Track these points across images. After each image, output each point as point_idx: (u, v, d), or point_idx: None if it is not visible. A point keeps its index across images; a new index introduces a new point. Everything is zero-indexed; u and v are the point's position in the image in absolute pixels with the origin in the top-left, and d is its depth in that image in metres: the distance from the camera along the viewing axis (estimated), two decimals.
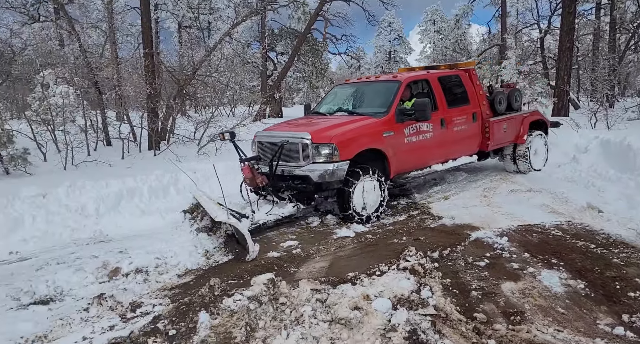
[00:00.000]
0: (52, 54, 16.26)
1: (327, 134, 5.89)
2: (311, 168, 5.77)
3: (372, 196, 6.08)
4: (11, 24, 16.75)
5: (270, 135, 6.41)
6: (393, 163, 6.39)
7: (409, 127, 6.55)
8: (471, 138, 7.66)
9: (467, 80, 7.79)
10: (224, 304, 3.53)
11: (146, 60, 12.36)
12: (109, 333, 3.32)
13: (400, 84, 6.81)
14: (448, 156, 7.33)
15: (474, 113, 7.63)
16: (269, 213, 5.91)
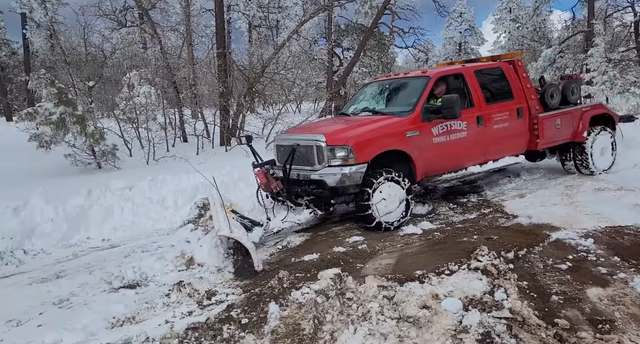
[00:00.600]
0: (136, 57, 17.62)
1: (343, 136, 5.58)
2: (326, 172, 5.45)
3: (393, 201, 5.60)
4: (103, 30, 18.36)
5: (287, 138, 6.17)
6: (419, 165, 5.94)
7: (437, 126, 6.05)
8: (516, 136, 6.95)
9: (511, 72, 7.07)
10: (292, 296, 3.62)
11: (219, 60, 12.94)
12: (187, 318, 3.54)
13: (429, 80, 6.34)
14: (487, 156, 6.68)
15: (518, 109, 6.92)
16: (284, 220, 5.65)
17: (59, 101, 10.22)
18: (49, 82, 10.36)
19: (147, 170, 9.21)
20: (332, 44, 24.52)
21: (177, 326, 3.35)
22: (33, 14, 25.27)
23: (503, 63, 7.17)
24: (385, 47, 26.44)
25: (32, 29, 27.52)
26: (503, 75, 6.98)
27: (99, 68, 16.14)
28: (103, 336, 3.32)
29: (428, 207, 6.65)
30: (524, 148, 7.16)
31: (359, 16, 29.50)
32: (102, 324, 3.59)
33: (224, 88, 12.26)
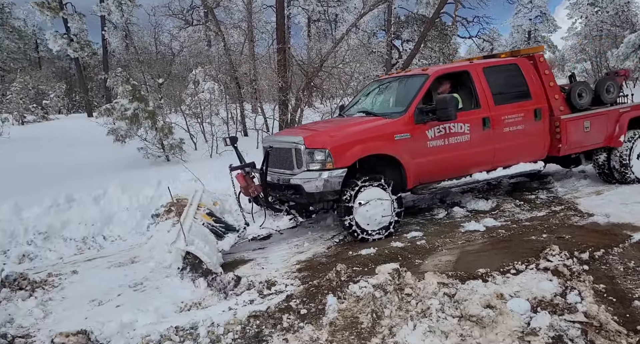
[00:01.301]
0: (201, 54, 18.38)
1: (322, 138, 5.23)
2: (304, 177, 5.11)
3: (377, 210, 5.18)
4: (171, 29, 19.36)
5: (273, 140, 5.89)
6: (411, 171, 5.44)
7: (433, 128, 5.51)
8: (532, 140, 6.19)
9: (529, 69, 6.30)
10: (350, 289, 3.63)
11: (279, 55, 13.16)
12: (249, 306, 3.66)
13: (427, 79, 5.78)
14: (496, 163, 6.00)
15: (536, 110, 6.17)
16: (262, 227, 5.43)
17: (133, 97, 10.94)
18: (124, 79, 11.11)
19: (211, 163, 9.62)
20: (392, 36, 24.09)
21: (239, 313, 3.48)
22: (111, 16, 27.17)
23: (520, 59, 6.40)
24: (447, 38, 25.51)
25: (110, 30, 29.59)
26: (519, 73, 6.23)
27: (167, 66, 17.06)
28: (173, 319, 3.52)
29: (491, 203, 6.37)
30: (543, 153, 6.36)
31: (420, 7, 28.69)
32: (171, 307, 3.82)
33: (283, 83, 12.46)
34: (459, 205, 6.37)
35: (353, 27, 15.00)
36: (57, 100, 30.67)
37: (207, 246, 4.50)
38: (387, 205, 5.25)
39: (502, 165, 6.06)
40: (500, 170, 6.04)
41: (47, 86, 30.02)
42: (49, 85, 30.21)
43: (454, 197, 6.69)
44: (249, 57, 14.68)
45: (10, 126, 17.16)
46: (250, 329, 3.28)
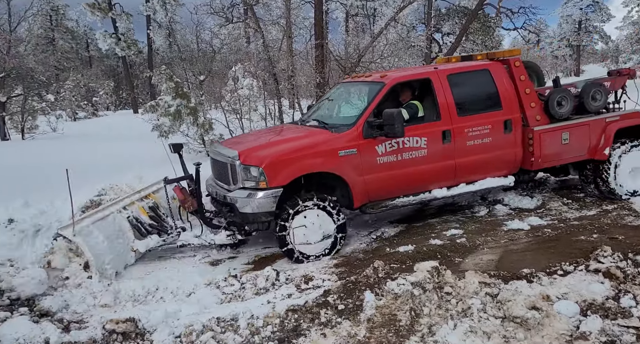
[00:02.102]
0: (240, 51, 18.67)
1: (257, 154, 4.83)
2: (237, 195, 4.76)
3: (315, 232, 4.81)
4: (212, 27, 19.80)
5: (214, 150, 5.52)
6: (357, 189, 5.02)
7: (383, 143, 5.06)
8: (501, 154, 5.65)
9: (502, 75, 5.68)
10: (387, 286, 3.60)
11: (317, 51, 13.18)
12: (287, 300, 3.70)
13: (383, 87, 5.25)
14: (458, 178, 5.53)
15: (506, 121, 5.59)
16: (198, 237, 5.13)
17: (176, 94, 11.27)
18: (167, 77, 11.46)
19: None
20: (432, 29, 23.56)
21: (278, 306, 3.52)
22: (156, 16, 28.12)
23: (493, 65, 5.77)
24: (491, 30, 24.66)
25: (155, 29, 30.64)
26: (490, 80, 5.63)
27: (208, 63, 17.43)
28: (214, 310, 3.62)
29: (537, 201, 6.12)
30: (514, 167, 5.83)
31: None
32: (213, 299, 3.93)
33: (320, 78, 12.47)
34: (501, 202, 6.17)
35: (392, 21, 14.77)
36: (106, 97, 32.15)
37: (107, 242, 4.29)
38: (330, 228, 4.88)
39: (466, 181, 5.57)
40: (463, 186, 5.55)
41: (96, 84, 31.52)
42: (98, 83, 31.71)
43: (496, 195, 6.48)
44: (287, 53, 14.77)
45: (63, 122, 18.12)
46: (288, 322, 3.32)
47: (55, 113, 17.97)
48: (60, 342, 2.95)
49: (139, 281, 4.31)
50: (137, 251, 4.68)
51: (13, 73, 15.04)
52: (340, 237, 4.95)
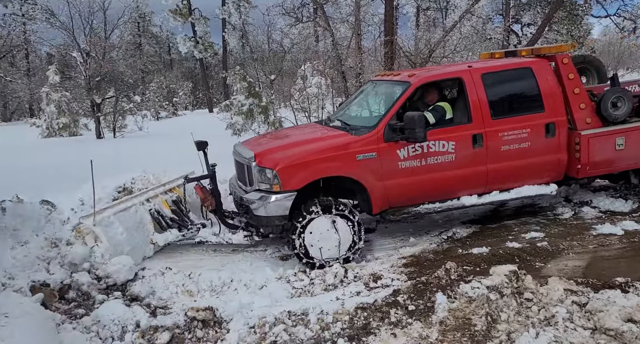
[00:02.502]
0: (309, 50, 18.98)
1: (272, 157, 4.71)
2: (252, 197, 4.66)
3: (329, 238, 4.62)
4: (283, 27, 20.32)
5: (235, 151, 5.37)
6: (377, 194, 4.78)
7: (406, 147, 4.78)
8: (541, 160, 5.15)
9: (547, 74, 5.16)
10: (461, 289, 3.47)
11: (386, 47, 13.00)
12: (356, 298, 3.71)
13: (408, 88, 4.95)
14: (491, 185, 5.12)
15: (548, 124, 5.10)
16: (216, 235, 5.09)
17: (249, 94, 11.73)
18: (241, 77, 11.95)
19: None
20: (510, 20, 22.26)
21: (347, 304, 3.54)
22: (230, 18, 29.43)
23: (536, 62, 5.26)
24: (578, 19, 22.75)
25: (229, 31, 32.07)
26: (532, 79, 5.14)
27: (279, 63, 17.94)
28: (285, 304, 3.71)
29: (632, 204, 5.57)
30: (558, 175, 5.32)
31: None
32: (283, 293, 4.04)
33: None
34: (589, 204, 5.70)
35: (467, 13, 14.16)
36: (185, 97, 34.23)
37: (126, 233, 4.35)
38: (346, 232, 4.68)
39: (499, 188, 5.16)
40: (496, 193, 5.15)
41: (176, 85, 33.66)
42: (178, 84, 33.85)
43: (583, 196, 6.00)
44: (356, 51, 14.73)
45: (148, 121, 19.56)
46: (358, 320, 3.32)
47: (141, 113, 19.44)
48: (148, 325, 3.19)
49: (216, 272, 4.52)
50: (156, 244, 4.74)
51: (107, 77, 16.51)
52: (356, 242, 4.73)
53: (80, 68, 16.31)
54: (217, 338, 3.23)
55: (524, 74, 5.21)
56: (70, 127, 17.89)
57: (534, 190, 5.21)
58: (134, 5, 40.32)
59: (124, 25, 39.63)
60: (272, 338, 3.19)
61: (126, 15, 32.41)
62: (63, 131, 17.68)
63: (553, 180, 5.31)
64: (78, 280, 3.70)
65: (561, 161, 5.25)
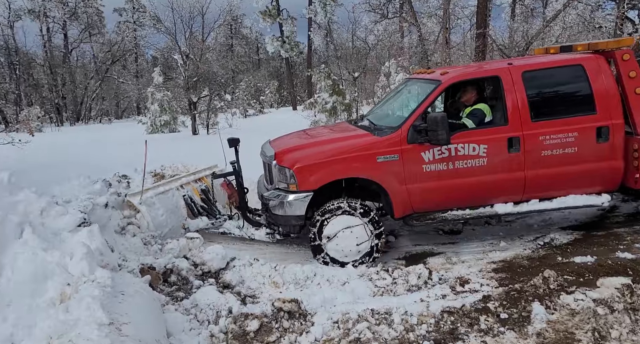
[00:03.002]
0: (394, 46, 18.69)
1: (290, 156, 4.65)
2: (270, 195, 4.68)
3: (347, 240, 4.49)
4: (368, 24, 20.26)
5: (262, 149, 5.28)
6: (398, 198, 4.55)
7: (431, 149, 4.50)
8: (590, 167, 4.66)
9: (602, 72, 4.63)
10: (561, 300, 3.21)
11: (477, 40, 12.38)
12: (441, 301, 3.59)
13: (437, 87, 4.67)
14: (529, 193, 4.69)
15: (600, 128, 4.59)
16: (240, 229, 5.17)
17: (333, 91, 11.87)
18: (326, 75, 12.12)
19: None
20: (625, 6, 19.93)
21: (432, 306, 3.44)
22: (316, 17, 29.98)
23: (589, 58, 4.72)
24: None
25: (315, 30, 32.70)
26: (583, 77, 4.63)
27: (362, 60, 17.91)
28: (367, 301, 3.71)
29: None
30: (612, 184, 4.78)
31: None
32: (366, 290, 4.02)
33: None
34: None
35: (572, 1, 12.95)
36: (271, 95, 35.59)
37: (165, 215, 4.47)
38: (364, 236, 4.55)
39: (539, 197, 4.73)
40: (535, 202, 4.71)
41: (263, 84, 35.12)
42: (264, 83, 35.29)
43: None
44: (443, 45, 14.21)
45: (237, 119, 20.66)
46: (444, 324, 3.21)
47: (231, 111, 20.58)
48: (240, 312, 3.37)
49: (300, 266, 4.64)
50: (188, 229, 4.94)
51: (202, 77, 17.71)
52: (376, 245, 4.61)
53: (180, 70, 17.69)
54: (302, 329, 3.32)
55: (573, 72, 4.75)
56: (170, 124, 19.49)
57: (581, 200, 4.75)
58: (227, 8, 42.82)
59: (219, 28, 42.24)
60: (356, 335, 3.20)
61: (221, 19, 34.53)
62: (164, 128, 19.32)
63: (606, 190, 4.81)
64: (178, 265, 4.02)
65: (616, 169, 4.75)
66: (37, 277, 2.52)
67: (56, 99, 32.46)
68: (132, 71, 40.45)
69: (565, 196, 4.76)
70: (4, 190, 3.14)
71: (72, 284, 2.52)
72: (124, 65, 40.30)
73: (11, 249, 2.64)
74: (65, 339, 2.04)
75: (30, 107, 25.37)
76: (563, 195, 4.77)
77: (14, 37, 32.92)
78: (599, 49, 4.96)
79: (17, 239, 2.74)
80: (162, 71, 21.28)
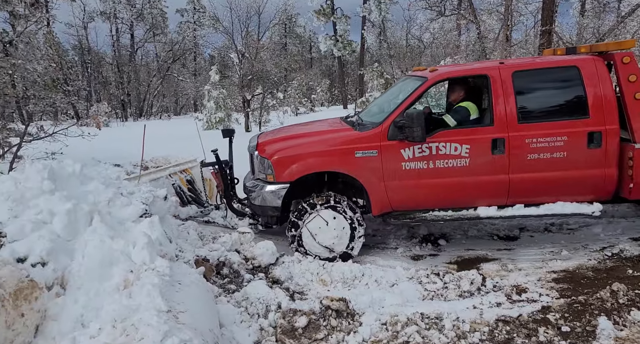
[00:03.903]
0: (450, 44, 18.17)
1: (269, 147, 4.76)
2: (250, 186, 4.81)
3: (326, 234, 4.55)
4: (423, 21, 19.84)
5: (250, 141, 5.30)
6: (376, 195, 4.54)
7: (411, 147, 4.44)
8: (580, 173, 4.47)
9: (597, 75, 4.43)
10: (632, 316, 2.99)
11: (542, 38, 11.75)
12: (496, 309, 3.45)
13: (422, 83, 4.62)
14: (513, 197, 4.56)
15: (592, 133, 4.39)
16: (224, 218, 5.39)
17: (384, 91, 11.73)
18: (378, 74, 12.00)
19: None
20: None
21: (486, 314, 3.31)
22: (370, 16, 29.81)
23: (585, 60, 4.54)
24: None
25: (368, 28, 32.51)
26: (577, 79, 4.44)
27: (416, 58, 17.56)
28: (417, 305, 3.63)
29: None
30: (604, 193, 4.56)
31: None
32: (415, 294, 3.94)
33: None
34: None
35: None
36: (322, 94, 35.79)
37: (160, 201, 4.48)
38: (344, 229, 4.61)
39: (525, 202, 4.57)
40: (520, 207, 4.56)
41: (315, 82, 35.38)
42: (316, 82, 35.54)
43: None
44: (504, 43, 13.63)
45: (288, 117, 20.96)
46: (499, 333, 3.08)
47: (282, 109, 20.90)
48: (288, 308, 3.41)
49: (347, 265, 4.63)
50: (178, 217, 5.05)
51: (257, 75, 18.13)
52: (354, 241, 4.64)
53: (235, 68, 18.20)
54: (350, 329, 3.30)
55: (567, 74, 4.56)
56: (224, 121, 20.10)
57: (570, 208, 4.54)
58: (283, 8, 43.55)
59: (274, 27, 43.06)
60: (405, 338, 3.14)
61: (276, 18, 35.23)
62: (219, 124, 19.96)
63: (597, 199, 4.59)
64: (230, 258, 4.13)
65: (608, 177, 4.52)
66: (104, 263, 2.69)
67: (122, 96, 34.56)
68: (190, 69, 42.19)
69: (553, 203, 4.59)
70: (76, 180, 3.37)
71: (134, 271, 2.67)
72: (184, 64, 42.13)
73: (82, 236, 2.85)
74: (128, 323, 2.16)
75: (99, 103, 27.16)
76: (551, 201, 4.59)
77: (87, 38, 35.40)
78: (600, 51, 4.78)
79: (88, 226, 2.95)
80: (219, 69, 21.97)
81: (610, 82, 4.58)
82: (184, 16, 42.60)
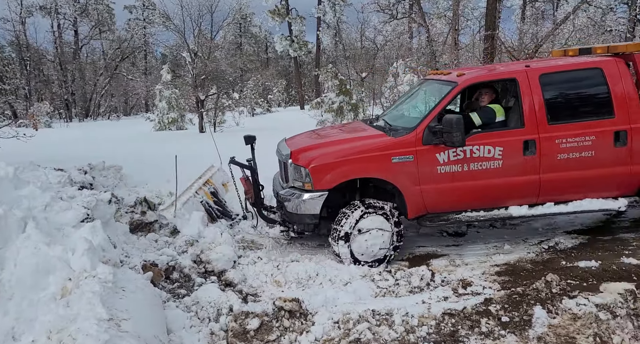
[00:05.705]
0: (402, 47, 18.63)
1: (305, 155, 4.69)
2: (286, 194, 4.72)
3: (377, 239, 4.53)
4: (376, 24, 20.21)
5: (278, 148, 5.31)
6: (412, 198, 4.59)
7: (446, 150, 4.51)
8: (607, 171, 4.64)
9: (620, 76, 4.61)
10: (563, 304, 3.18)
11: (486, 42, 12.30)
12: (443, 303, 3.58)
13: (453, 88, 4.68)
14: (543, 196, 4.70)
15: (618, 132, 4.59)
16: (254, 228, 5.32)
17: (340, 91, 11.87)
18: (333, 75, 12.12)
19: None
20: (638, 9, 19.74)
21: (433, 308, 3.43)
22: (325, 17, 30.03)
23: (608, 62, 4.68)
24: None
25: (324, 29, 32.73)
26: (602, 80, 4.62)
27: (370, 60, 17.88)
28: (369, 302, 3.70)
29: None
30: (629, 189, 4.74)
31: None
32: (368, 291, 4.02)
33: None
34: None
35: (583, 4, 12.82)
36: (278, 94, 35.63)
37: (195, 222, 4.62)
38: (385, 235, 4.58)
39: (555, 200, 4.73)
40: (550, 205, 4.71)
41: (271, 83, 35.15)
42: (272, 82, 35.32)
43: None
44: (452, 47, 14.14)
45: (244, 117, 20.70)
46: (445, 326, 3.20)
47: (238, 109, 20.61)
48: (240, 310, 3.38)
49: (302, 265, 4.64)
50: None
51: (211, 75, 17.76)
52: (394, 247, 4.65)
53: (188, 67, 17.75)
54: (303, 329, 3.32)
55: (592, 75, 4.73)
56: (177, 121, 19.58)
57: (597, 204, 4.74)
58: (237, 7, 42.95)
59: (228, 26, 42.35)
60: (356, 335, 3.20)
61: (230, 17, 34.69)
62: (171, 125, 19.41)
63: (622, 194, 4.79)
64: (181, 262, 4.04)
65: (634, 174, 4.71)
66: (39, 271, 2.54)
67: (65, 95, 32.78)
68: (141, 68, 40.71)
69: (581, 200, 4.75)
70: (10, 184, 3.17)
71: (73, 279, 2.54)
72: (133, 63, 40.58)
73: (14, 243, 2.68)
74: (65, 334, 2.06)
75: (39, 103, 25.63)
76: (579, 198, 4.76)
77: (25, 33, 33.26)
78: (618, 52, 4.91)
79: (21, 233, 2.78)
80: (171, 69, 21.38)
81: (633, 81, 4.73)
82: (132, 13, 41.09)
